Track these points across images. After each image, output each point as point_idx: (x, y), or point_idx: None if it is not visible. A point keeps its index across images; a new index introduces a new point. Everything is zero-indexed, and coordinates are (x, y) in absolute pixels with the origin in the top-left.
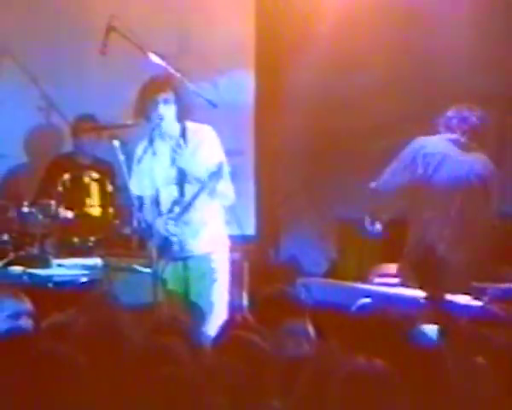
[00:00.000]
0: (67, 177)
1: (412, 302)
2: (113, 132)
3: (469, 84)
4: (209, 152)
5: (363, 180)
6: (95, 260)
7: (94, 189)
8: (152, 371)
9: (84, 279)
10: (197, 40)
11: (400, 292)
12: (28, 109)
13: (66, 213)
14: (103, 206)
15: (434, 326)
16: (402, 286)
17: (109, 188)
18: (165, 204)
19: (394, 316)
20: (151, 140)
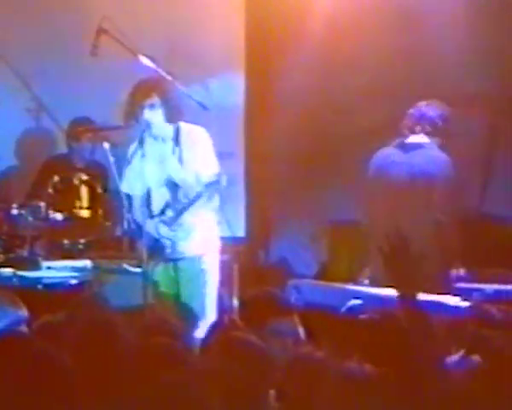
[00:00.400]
0: (57, 179)
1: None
2: (107, 135)
3: (463, 85)
4: (202, 155)
5: (353, 182)
6: (85, 262)
7: (84, 191)
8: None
9: (74, 281)
10: (188, 42)
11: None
12: (19, 112)
13: (55, 215)
14: (93, 208)
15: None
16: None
17: (99, 190)
18: (156, 206)
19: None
20: (141, 141)
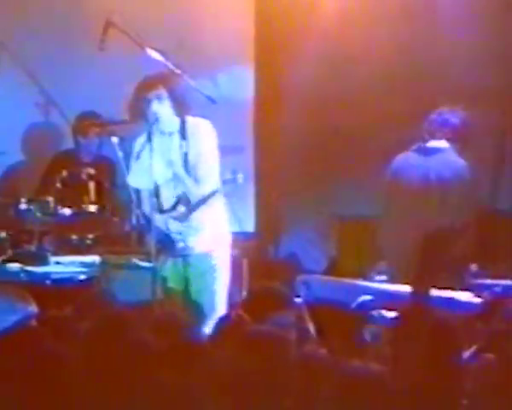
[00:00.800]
0: (65, 173)
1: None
2: (114, 129)
3: (466, 81)
4: (207, 149)
5: (363, 177)
6: (93, 257)
7: (92, 186)
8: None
9: (83, 277)
10: (196, 36)
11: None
12: (26, 106)
13: (64, 210)
14: (101, 203)
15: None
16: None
17: (107, 185)
18: (166, 200)
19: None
20: (149, 136)
